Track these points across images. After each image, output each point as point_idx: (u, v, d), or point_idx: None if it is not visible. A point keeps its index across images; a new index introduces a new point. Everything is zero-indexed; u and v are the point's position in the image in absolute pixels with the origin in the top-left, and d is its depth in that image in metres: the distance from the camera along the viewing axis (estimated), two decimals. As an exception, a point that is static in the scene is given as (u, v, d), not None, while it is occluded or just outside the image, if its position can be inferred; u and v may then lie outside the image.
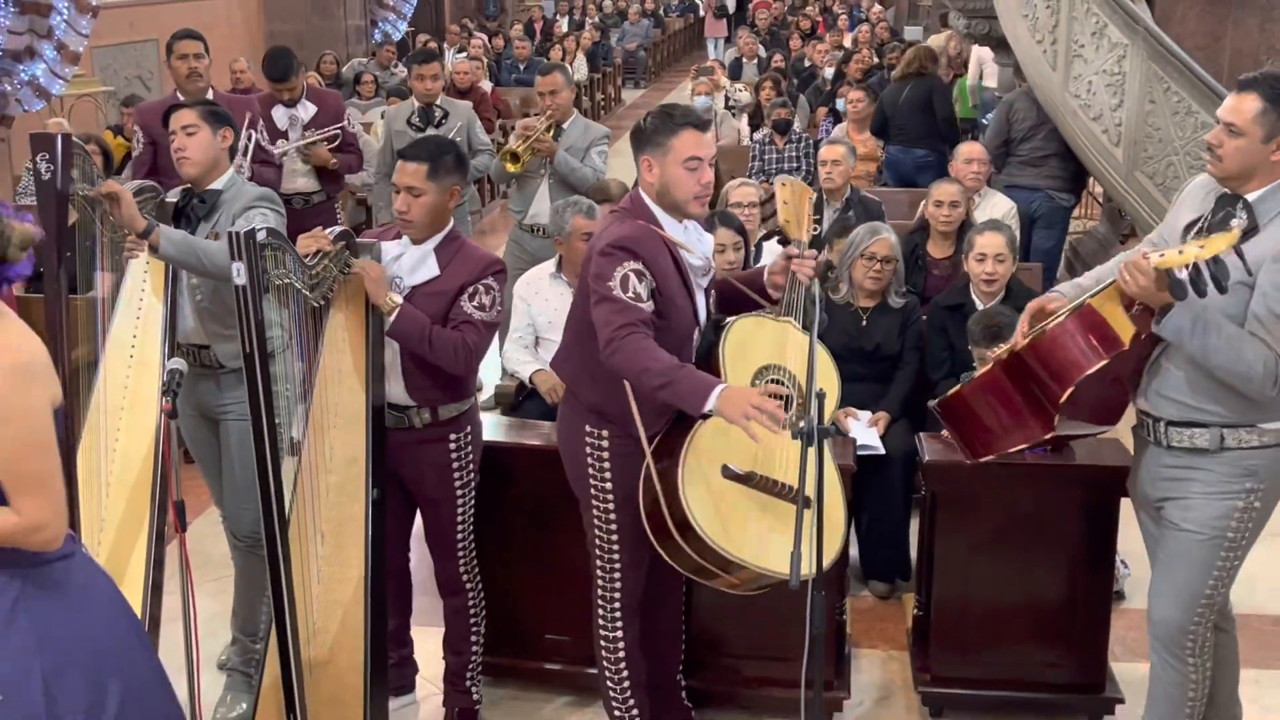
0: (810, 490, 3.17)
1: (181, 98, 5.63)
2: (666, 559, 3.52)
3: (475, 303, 3.91)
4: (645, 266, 3.47)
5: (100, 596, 2.93)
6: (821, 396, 3.29)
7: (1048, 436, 3.48)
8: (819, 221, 6.48)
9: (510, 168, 6.63)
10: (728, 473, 3.46)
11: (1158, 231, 3.70)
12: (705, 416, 3.30)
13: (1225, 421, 3.36)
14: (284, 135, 6.74)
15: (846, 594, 4.49)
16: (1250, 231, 3.27)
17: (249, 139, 6.22)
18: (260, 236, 3.33)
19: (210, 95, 5.94)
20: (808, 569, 3.07)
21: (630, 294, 3.43)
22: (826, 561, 3.47)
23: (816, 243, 3.95)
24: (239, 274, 3.29)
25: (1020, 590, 4.18)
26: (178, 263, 3.94)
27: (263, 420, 3.39)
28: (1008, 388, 3.47)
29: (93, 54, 11.65)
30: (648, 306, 3.45)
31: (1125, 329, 3.31)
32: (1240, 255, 3.17)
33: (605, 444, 3.65)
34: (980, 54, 11.12)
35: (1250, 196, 3.32)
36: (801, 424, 3.12)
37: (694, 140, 3.55)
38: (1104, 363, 3.28)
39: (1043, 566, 4.15)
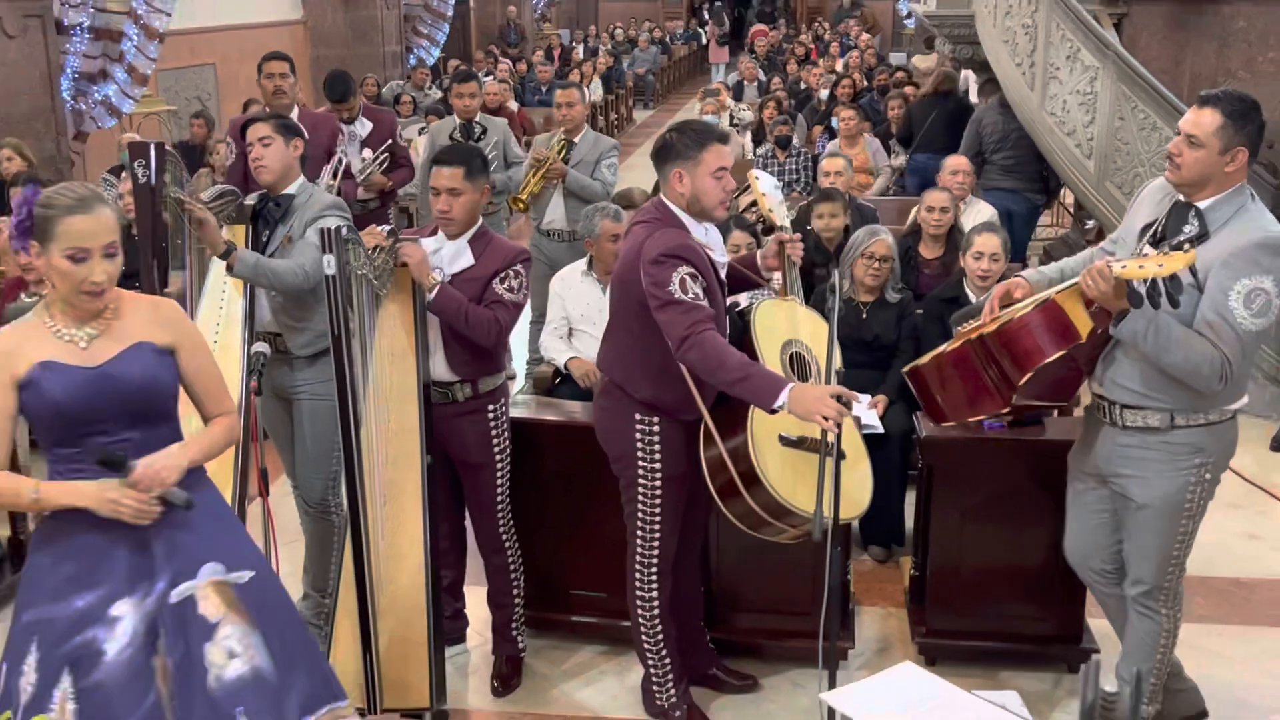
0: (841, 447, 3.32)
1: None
2: (729, 515, 3.61)
3: (505, 285, 3.99)
4: (695, 269, 3.53)
5: None
6: (841, 373, 3.40)
7: (1005, 411, 3.53)
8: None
9: (519, 208, 6.78)
10: (785, 440, 3.56)
11: (1119, 231, 3.74)
12: (773, 411, 3.35)
13: (1174, 407, 3.39)
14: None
15: (850, 557, 4.58)
16: (1200, 238, 3.30)
17: (339, 161, 6.32)
18: (344, 232, 3.43)
19: (296, 112, 6.01)
20: (829, 510, 3.23)
21: (690, 295, 3.46)
22: (855, 513, 3.60)
23: (795, 225, 4.07)
24: (330, 265, 3.39)
25: (1007, 553, 4.24)
26: (250, 280, 4.04)
27: (347, 394, 3.49)
28: (974, 366, 3.50)
29: (158, 76, 11.72)
30: (706, 304, 3.50)
31: (1084, 324, 3.34)
32: (1190, 268, 3.20)
33: (656, 429, 3.70)
34: (967, 75, 11.23)
35: (1202, 205, 3.33)
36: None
37: (720, 153, 3.62)
38: (1061, 353, 3.33)
39: (1027, 532, 4.20)
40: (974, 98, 11.11)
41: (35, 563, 2.82)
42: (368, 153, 6.90)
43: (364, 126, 6.98)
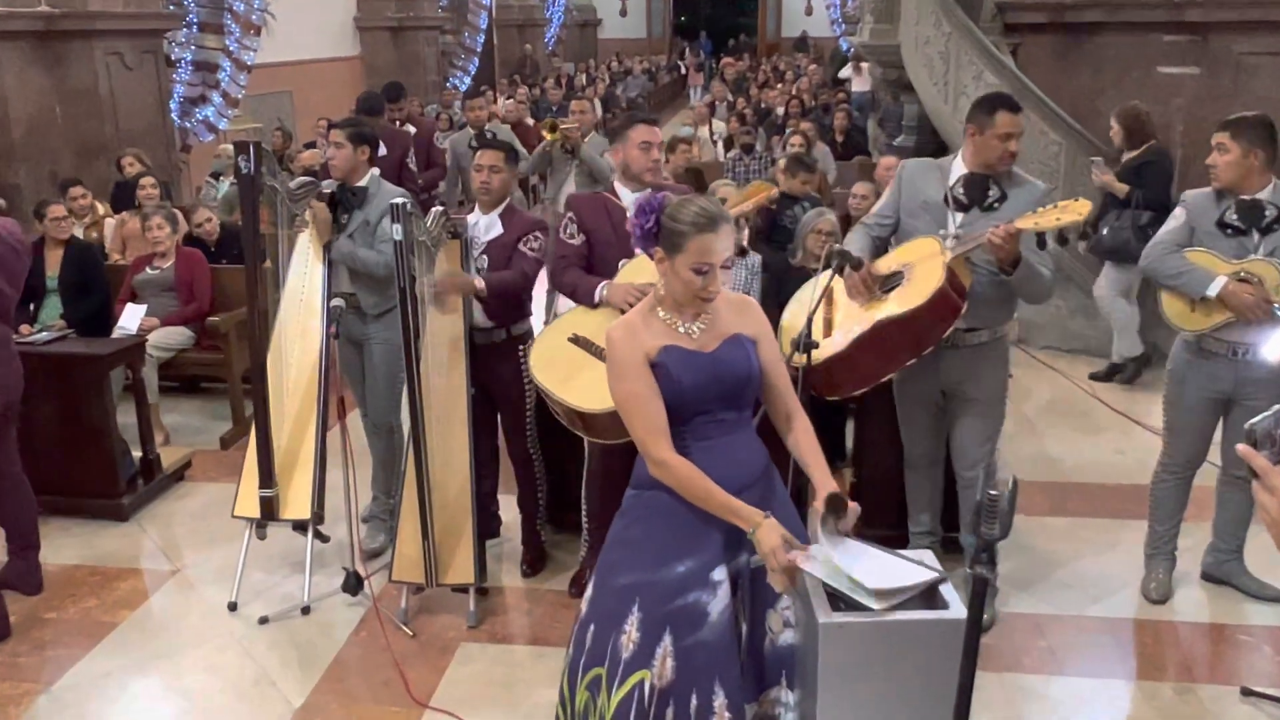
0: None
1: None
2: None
3: (528, 246, 4.03)
4: (579, 217, 3.78)
5: None
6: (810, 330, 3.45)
7: (910, 362, 3.57)
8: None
9: (549, 136, 6.83)
10: (573, 339, 3.64)
11: (890, 207, 3.75)
12: (595, 306, 3.62)
13: (992, 324, 3.66)
14: None
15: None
16: (1002, 199, 3.52)
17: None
18: (408, 208, 3.48)
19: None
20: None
21: (566, 235, 3.77)
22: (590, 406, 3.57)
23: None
24: (397, 232, 3.42)
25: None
26: (345, 263, 4.16)
27: (410, 335, 3.52)
28: (890, 339, 3.51)
29: (246, 100, 11.70)
30: (576, 244, 3.76)
31: (968, 279, 3.49)
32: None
33: None
34: (866, 68, 11.30)
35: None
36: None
37: (642, 131, 3.77)
38: (966, 303, 3.45)
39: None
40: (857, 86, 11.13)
41: (631, 534, 2.47)
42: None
43: (410, 130, 7.12)
